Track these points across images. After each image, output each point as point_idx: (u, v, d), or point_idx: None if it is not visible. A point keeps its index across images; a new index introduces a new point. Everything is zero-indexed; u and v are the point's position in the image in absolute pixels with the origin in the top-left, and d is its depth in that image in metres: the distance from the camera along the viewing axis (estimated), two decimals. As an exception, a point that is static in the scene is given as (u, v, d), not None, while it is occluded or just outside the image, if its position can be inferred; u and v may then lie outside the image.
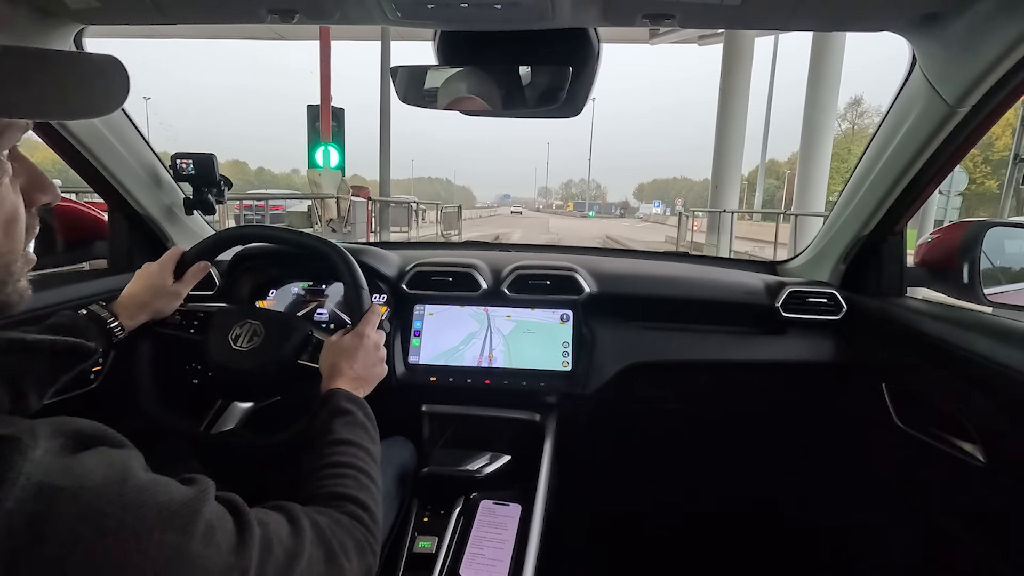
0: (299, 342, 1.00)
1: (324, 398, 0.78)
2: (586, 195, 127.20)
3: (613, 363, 1.24)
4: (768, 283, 1.36)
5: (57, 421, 0.41)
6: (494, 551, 0.94)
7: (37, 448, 0.37)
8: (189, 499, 0.43)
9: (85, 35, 1.10)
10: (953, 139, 0.99)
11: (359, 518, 0.62)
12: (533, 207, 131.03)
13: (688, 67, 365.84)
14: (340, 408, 0.76)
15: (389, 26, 0.94)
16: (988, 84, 0.86)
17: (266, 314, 1.05)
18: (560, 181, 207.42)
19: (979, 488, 0.94)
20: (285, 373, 0.98)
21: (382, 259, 1.33)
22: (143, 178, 1.34)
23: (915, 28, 0.88)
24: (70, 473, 0.38)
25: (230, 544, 0.44)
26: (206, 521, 0.43)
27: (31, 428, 0.39)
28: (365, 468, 0.70)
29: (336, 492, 0.64)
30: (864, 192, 1.21)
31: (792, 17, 0.83)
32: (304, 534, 0.53)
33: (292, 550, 0.50)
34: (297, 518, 0.54)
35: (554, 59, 0.95)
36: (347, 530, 0.59)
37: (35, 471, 0.36)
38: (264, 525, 0.49)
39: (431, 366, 1.25)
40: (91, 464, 0.39)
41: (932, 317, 1.07)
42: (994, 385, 0.88)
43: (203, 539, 0.42)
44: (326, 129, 10.14)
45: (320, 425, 0.74)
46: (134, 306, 0.94)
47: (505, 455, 1.13)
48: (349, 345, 0.87)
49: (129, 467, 0.41)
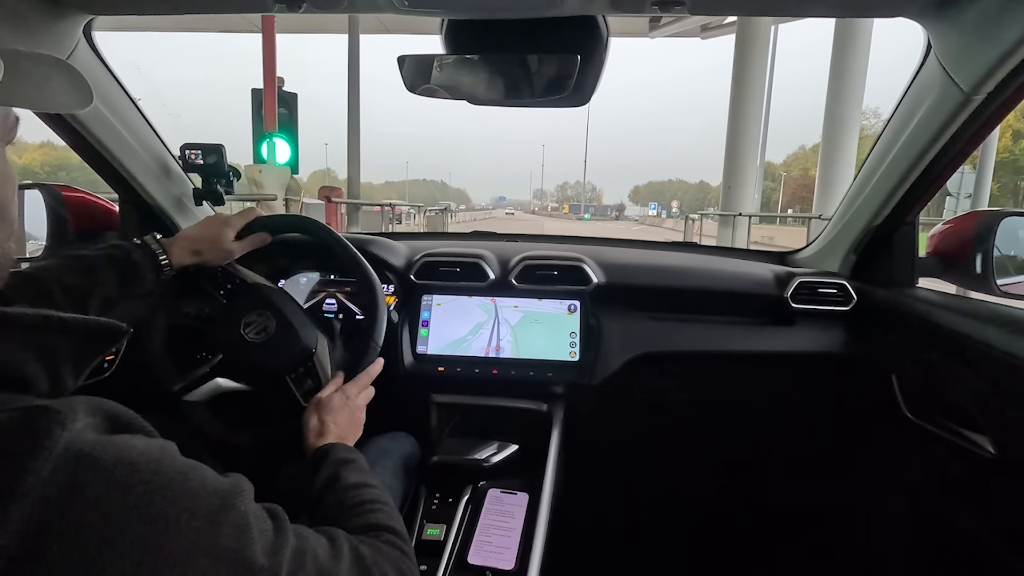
0: (296, 359, 1.01)
1: (323, 452, 0.79)
2: (581, 197, 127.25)
3: (620, 353, 1.24)
4: (777, 273, 1.35)
5: (95, 400, 0.41)
6: (502, 539, 0.95)
7: (77, 421, 0.37)
8: (224, 490, 0.42)
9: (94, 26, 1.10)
10: (968, 127, 0.97)
11: (399, 547, 0.62)
12: (528, 209, 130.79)
13: (688, 63, 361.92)
14: (344, 458, 0.78)
15: (395, 14, 0.93)
16: (1005, 71, 0.84)
17: (284, 314, 1.04)
18: (555, 183, 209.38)
19: (988, 479, 0.93)
20: (274, 376, 1.00)
21: (390, 249, 1.33)
22: (153, 169, 1.35)
23: (931, 13, 0.87)
24: (107, 447, 0.38)
25: (263, 546, 0.43)
26: (240, 515, 0.42)
27: (71, 403, 0.39)
28: (389, 502, 0.71)
29: (371, 523, 0.64)
30: (876, 181, 1.19)
31: (805, 3, 0.82)
32: (342, 558, 0.52)
33: (327, 569, 0.49)
34: (338, 541, 0.53)
35: (562, 47, 0.94)
36: (389, 560, 0.58)
37: (73, 442, 0.36)
38: (302, 538, 0.48)
39: (439, 356, 1.25)
40: (129, 443, 0.39)
41: (944, 308, 1.06)
42: (1007, 377, 0.88)
43: (234, 533, 0.41)
44: (271, 117, 8.22)
45: (330, 476, 0.74)
46: (188, 248, 0.98)
47: (513, 444, 1.13)
48: (336, 405, 0.90)
49: (166, 451, 0.41)
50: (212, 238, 1.00)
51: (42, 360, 0.40)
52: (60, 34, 1.03)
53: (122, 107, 1.23)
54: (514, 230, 1.85)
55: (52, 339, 0.41)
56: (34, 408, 0.37)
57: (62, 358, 0.42)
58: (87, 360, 0.45)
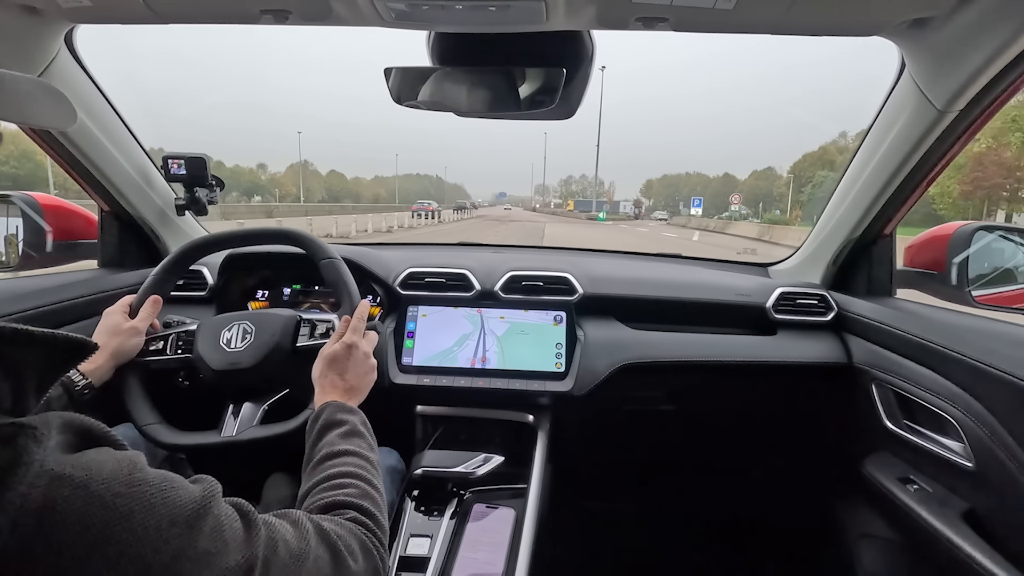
0: (292, 328, 1.01)
1: (317, 412, 0.78)
2: (590, 192, 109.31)
3: (606, 364, 1.24)
4: (760, 284, 1.37)
5: (67, 415, 0.42)
6: (487, 554, 0.94)
7: (51, 438, 0.38)
8: (198, 497, 0.43)
9: (76, 34, 1.09)
10: (942, 142, 1.00)
11: (362, 523, 0.63)
12: (529, 206, 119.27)
13: (705, 45, 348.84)
14: (334, 420, 0.76)
15: (383, 27, 0.93)
16: (976, 88, 0.87)
17: (249, 313, 1.06)
18: (559, 177, 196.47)
19: (966, 487, 0.95)
20: (288, 361, 0.99)
21: (375, 260, 1.33)
22: (135, 179, 1.33)
23: (905, 33, 0.89)
24: (80, 465, 0.38)
25: (237, 543, 0.45)
26: (215, 519, 0.44)
27: (45, 419, 0.39)
28: (366, 476, 0.70)
29: (338, 501, 0.64)
30: (854, 195, 1.22)
31: (783, 21, 0.84)
32: (309, 537, 0.54)
33: (298, 552, 0.51)
34: (301, 522, 0.55)
35: (548, 61, 0.95)
36: (352, 533, 0.60)
37: (48, 459, 0.36)
38: (270, 526, 0.50)
39: (425, 367, 1.24)
40: (100, 459, 0.40)
41: (920, 318, 1.08)
42: (982, 386, 0.90)
43: (210, 537, 0.42)
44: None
45: (316, 439, 0.74)
46: (104, 359, 0.92)
47: (498, 456, 1.13)
48: (340, 355, 0.87)
49: (136, 463, 0.42)
50: (107, 328, 0.96)
51: (8, 377, 0.40)
52: (40, 42, 1.02)
53: (103, 116, 1.22)
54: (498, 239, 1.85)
55: (19, 353, 0.40)
56: (10, 425, 0.37)
57: (27, 375, 0.41)
58: (51, 378, 0.44)
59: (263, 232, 1.13)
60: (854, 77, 48.15)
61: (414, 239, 12.69)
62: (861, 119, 1.34)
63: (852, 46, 30.37)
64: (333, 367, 0.86)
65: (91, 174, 1.24)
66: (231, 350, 0.98)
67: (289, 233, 1.10)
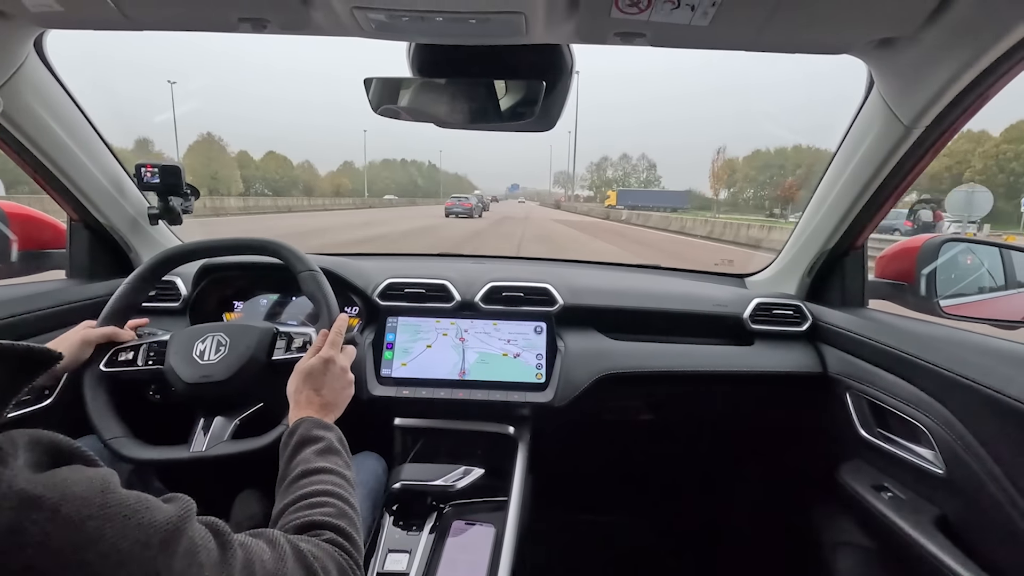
0: (268, 341, 0.99)
1: (293, 428, 0.77)
2: (632, 179, 69.12)
3: (586, 374, 1.24)
4: (737, 295, 1.39)
5: (34, 433, 0.40)
6: (467, 571, 0.92)
7: (18, 457, 0.36)
8: (171, 517, 0.42)
9: (46, 39, 1.07)
10: (909, 157, 1.04)
11: (339, 544, 0.61)
12: (549, 201, 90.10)
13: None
14: (310, 436, 0.75)
15: (363, 38, 0.93)
16: (941, 106, 0.90)
17: (224, 324, 1.03)
18: (588, 161, 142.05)
19: (937, 493, 0.97)
20: (262, 375, 0.97)
21: (354, 271, 1.31)
22: (105, 187, 1.30)
23: (873, 53, 0.92)
24: (50, 484, 0.37)
25: (212, 565, 0.44)
26: (189, 540, 0.42)
27: (10, 437, 0.38)
28: (341, 494, 0.68)
29: (315, 521, 0.63)
30: (827, 208, 1.25)
31: (757, 40, 0.86)
32: (286, 558, 0.52)
33: (274, 572, 0.50)
34: (278, 543, 0.54)
35: (528, 74, 0.96)
36: (329, 555, 0.58)
37: (15, 480, 0.35)
38: (246, 547, 0.49)
39: (404, 379, 1.23)
40: (72, 477, 0.39)
41: (892, 328, 1.11)
42: (950, 394, 0.92)
43: (185, 558, 0.41)
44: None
45: (291, 455, 0.73)
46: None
47: (479, 468, 1.12)
48: (316, 370, 0.86)
49: (109, 482, 0.40)
50: (66, 339, 0.95)
51: None
52: (7, 47, 1.00)
53: (73, 122, 1.19)
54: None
55: None
56: None
57: None
58: (15, 389, 0.43)
59: (241, 243, 1.11)
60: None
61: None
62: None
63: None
64: (309, 382, 0.84)
65: (59, 181, 1.21)
66: (204, 362, 0.95)
67: (267, 244, 1.08)
